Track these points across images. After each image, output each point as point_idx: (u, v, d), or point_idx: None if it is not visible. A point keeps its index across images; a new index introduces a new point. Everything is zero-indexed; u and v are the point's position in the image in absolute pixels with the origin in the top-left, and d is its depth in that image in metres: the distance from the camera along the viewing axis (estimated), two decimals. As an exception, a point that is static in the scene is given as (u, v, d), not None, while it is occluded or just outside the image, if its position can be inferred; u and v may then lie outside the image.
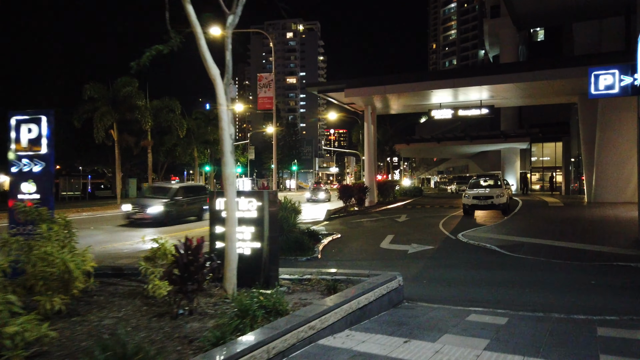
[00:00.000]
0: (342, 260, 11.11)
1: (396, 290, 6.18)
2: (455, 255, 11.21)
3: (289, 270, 6.90)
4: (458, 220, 19.76)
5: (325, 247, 13.18)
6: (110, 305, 5.10)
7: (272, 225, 5.99)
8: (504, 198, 20.98)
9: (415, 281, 8.33)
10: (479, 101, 28.19)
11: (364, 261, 10.89)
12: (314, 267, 10.01)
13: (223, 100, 5.21)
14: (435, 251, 11.89)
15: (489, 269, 9.38)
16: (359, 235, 16.02)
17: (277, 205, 6.12)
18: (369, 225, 19.28)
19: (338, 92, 26.06)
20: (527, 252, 11.13)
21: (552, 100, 29.93)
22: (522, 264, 9.87)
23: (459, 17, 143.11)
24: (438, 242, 13.53)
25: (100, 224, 21.33)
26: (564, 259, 10.18)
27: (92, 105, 30.59)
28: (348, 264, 10.58)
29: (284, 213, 13.29)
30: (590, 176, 26.97)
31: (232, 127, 5.33)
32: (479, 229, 15.78)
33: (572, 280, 8.32)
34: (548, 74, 21.12)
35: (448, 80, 23.11)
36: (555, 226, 16.31)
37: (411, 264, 10.24)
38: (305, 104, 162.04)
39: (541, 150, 49.28)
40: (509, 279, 8.40)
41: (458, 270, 9.32)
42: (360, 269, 9.12)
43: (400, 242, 13.68)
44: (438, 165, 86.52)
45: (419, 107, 31.01)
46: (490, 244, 12.29)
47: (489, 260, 10.36)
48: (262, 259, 5.89)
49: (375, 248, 12.85)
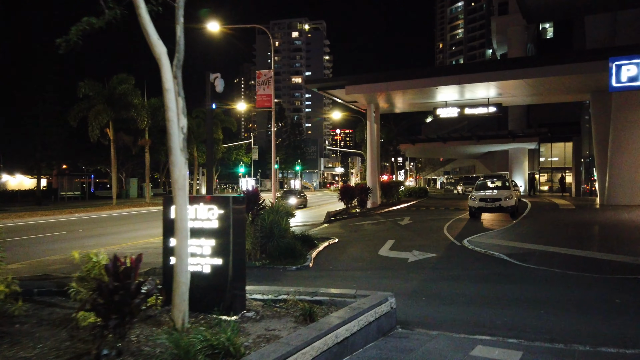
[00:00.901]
0: (335, 270, 10.11)
1: (387, 315, 5.18)
2: (460, 265, 10.18)
3: (263, 289, 5.91)
4: (464, 223, 18.70)
5: (319, 254, 12.22)
6: (28, 339, 4.13)
7: (238, 237, 4.99)
8: (513, 200, 19.90)
9: (414, 298, 7.32)
10: (486, 99, 27.12)
11: (359, 271, 9.89)
12: (303, 278, 9.06)
13: (170, 85, 4.22)
14: (438, 260, 10.86)
15: (497, 283, 8.35)
16: (358, 240, 15.03)
17: (243, 213, 5.10)
18: (369, 228, 18.29)
19: (339, 90, 25.01)
20: (539, 261, 10.08)
21: (563, 98, 28.77)
22: (534, 276, 8.83)
23: (466, 16, 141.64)
24: (442, 249, 12.50)
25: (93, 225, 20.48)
26: (580, 270, 9.13)
27: (87, 104, 29.76)
28: (341, 274, 9.59)
29: (274, 217, 12.33)
30: (603, 177, 25.81)
31: (183, 118, 4.35)
32: (486, 234, 14.73)
33: (592, 297, 7.28)
34: (559, 70, 19.99)
35: (453, 76, 22.00)
36: (568, 231, 15.22)
37: (410, 275, 9.23)
38: (311, 104, 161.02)
39: (550, 150, 48.04)
40: (521, 296, 7.36)
41: (462, 284, 8.29)
42: (351, 283, 8.13)
43: (400, 248, 12.67)
44: (444, 166, 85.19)
45: (424, 105, 29.94)
46: (499, 252, 11.24)
47: (497, 272, 9.32)
48: (225, 278, 4.90)
49: (373, 255, 11.85)
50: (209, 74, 11.98)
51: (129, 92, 29.35)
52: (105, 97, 29.37)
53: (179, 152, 4.26)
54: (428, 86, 22.84)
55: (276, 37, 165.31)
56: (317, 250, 12.67)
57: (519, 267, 9.73)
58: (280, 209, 13.85)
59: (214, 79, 11.95)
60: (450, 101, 27.86)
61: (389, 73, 24.03)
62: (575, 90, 25.01)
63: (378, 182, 30.32)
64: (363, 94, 24.81)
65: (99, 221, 23.28)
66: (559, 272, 9.03)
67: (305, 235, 13.72)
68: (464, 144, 52.94)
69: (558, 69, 19.94)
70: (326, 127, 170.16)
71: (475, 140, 50.37)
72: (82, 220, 23.80)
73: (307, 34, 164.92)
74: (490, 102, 27.19)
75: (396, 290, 7.78)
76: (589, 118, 30.73)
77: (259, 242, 11.81)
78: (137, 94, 29.94)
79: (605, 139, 25.27)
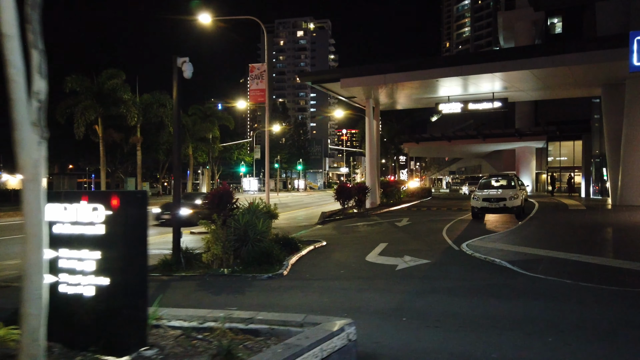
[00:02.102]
0: (312, 279, 8.79)
1: (342, 352, 3.86)
2: (455, 274, 8.83)
3: (187, 313, 4.58)
4: (465, 225, 17.33)
5: (301, 259, 10.93)
6: None
7: (134, 247, 3.67)
8: (518, 200, 18.49)
9: (392, 318, 5.99)
10: (491, 93, 25.69)
11: (338, 280, 8.58)
12: (270, 290, 7.73)
13: (12, 30, 2.92)
14: (431, 267, 9.51)
15: (496, 297, 6.99)
16: (348, 243, 13.74)
17: (143, 214, 3.74)
18: (363, 230, 17.00)
19: (334, 83, 23.63)
20: (547, 270, 8.72)
21: (572, 93, 27.26)
22: (540, 288, 7.48)
23: (472, 14, 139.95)
24: (437, 254, 11.16)
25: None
26: (596, 281, 7.76)
27: (75, 99, 28.63)
28: (316, 285, 8.28)
29: (249, 217, 11.05)
30: (615, 176, 24.30)
31: (40, 80, 3.04)
32: (488, 237, 13.35)
33: (614, 319, 5.91)
34: (568, 59, 18.50)
35: (455, 67, 20.54)
36: (580, 235, 13.81)
37: (395, 286, 7.90)
38: (316, 103, 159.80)
39: (559, 149, 46.57)
40: (524, 316, 6.01)
41: (454, 299, 6.95)
42: (323, 296, 6.64)
43: (391, 253, 11.35)
44: (450, 165, 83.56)
45: (426, 100, 28.54)
46: (500, 258, 9.87)
47: (498, 283, 7.97)
48: (115, 302, 3.59)
49: (359, 261, 10.53)
50: (175, 58, 10.71)
51: (118, 88, 28.16)
52: (94, 92, 28.21)
53: (29, 128, 2.96)
54: (428, 78, 21.39)
55: (281, 37, 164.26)
56: (299, 255, 11.39)
57: (523, 276, 8.37)
58: (260, 209, 12.63)
59: (182, 63, 10.68)
60: (453, 96, 26.45)
61: (386, 65, 22.62)
62: (586, 83, 23.50)
63: (377, 181, 28.97)
64: (359, 87, 23.39)
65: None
66: (570, 284, 7.67)
67: (289, 238, 12.42)
68: (469, 143, 51.48)
69: (567, 58, 18.45)
70: (332, 127, 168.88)
71: (481, 139, 48.92)
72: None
73: (312, 33, 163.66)
74: (495, 96, 25.76)
75: (374, 308, 6.49)
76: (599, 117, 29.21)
77: (232, 247, 10.52)
78: (127, 89, 28.72)
79: (617, 135, 23.77)
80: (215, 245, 10.16)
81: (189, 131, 39.78)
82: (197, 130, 40.41)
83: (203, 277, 9.01)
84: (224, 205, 10.56)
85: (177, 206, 10.90)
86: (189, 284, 8.47)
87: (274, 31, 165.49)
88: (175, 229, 10.65)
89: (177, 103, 10.90)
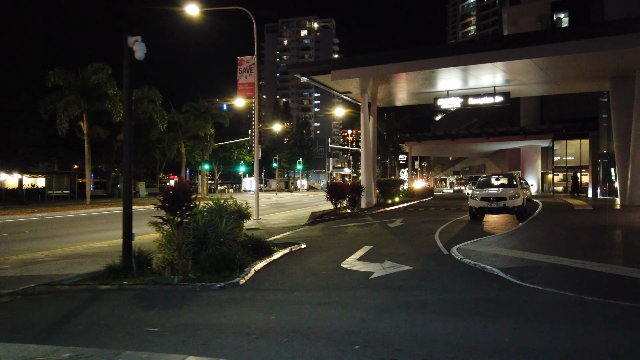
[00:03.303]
0: (270, 289, 7.55)
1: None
2: (436, 285, 7.54)
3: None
4: (461, 227, 16.03)
5: (269, 265, 9.72)
6: None
7: None
8: (520, 199, 17.14)
9: (344, 343, 4.73)
10: (492, 87, 24.37)
11: (300, 292, 7.33)
12: (214, 305, 6.44)
13: None
14: (411, 275, 8.23)
15: (479, 316, 5.70)
16: (329, 245, 12.50)
17: None
18: (351, 231, 15.77)
19: (324, 75, 22.31)
20: (546, 279, 7.44)
21: (578, 87, 25.83)
22: (536, 304, 6.19)
23: (478, 12, 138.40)
24: (422, 259, 9.88)
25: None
26: (604, 294, 6.46)
27: (59, 94, 27.55)
28: (271, 297, 7.04)
29: (211, 218, 9.85)
30: (624, 175, 22.88)
31: None
32: (483, 239, 12.05)
33: (629, 349, 4.62)
34: (574, 46, 17.06)
35: (451, 57, 19.14)
36: (585, 238, 12.46)
37: (363, 299, 6.64)
38: (320, 103, 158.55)
39: (565, 148, 45.08)
40: (511, 344, 4.73)
41: (427, 318, 5.67)
42: (271, 314, 5.21)
43: (371, 258, 10.09)
44: (454, 165, 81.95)
45: (425, 95, 27.18)
46: (492, 264, 8.58)
47: (484, 296, 6.68)
48: None
49: (334, 267, 9.28)
50: (126, 37, 9.50)
51: (103, 83, 27.01)
52: (79, 87, 27.09)
53: None
54: (422, 69, 20.00)
55: (285, 36, 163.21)
56: (270, 259, 10.18)
57: (517, 287, 7.08)
58: (228, 207, 11.43)
59: (133, 43, 9.47)
60: (452, 90, 25.13)
61: (379, 55, 21.25)
62: (593, 75, 22.06)
63: (374, 180, 27.68)
64: (352, 81, 22.03)
65: (59, 222, 21.02)
66: (572, 298, 6.38)
67: (261, 241, 11.22)
68: (473, 142, 50.02)
69: (573, 45, 17.00)
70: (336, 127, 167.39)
71: (485, 138, 47.47)
72: (42, 220, 21.56)
73: (316, 33, 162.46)
74: (497, 91, 24.43)
75: (326, 329, 5.23)
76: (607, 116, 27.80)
77: (190, 251, 9.31)
78: (113, 84, 27.53)
79: (626, 131, 22.35)
80: (166, 250, 8.94)
81: (181, 128, 38.57)
82: (190, 128, 39.17)
83: (147, 286, 7.79)
84: (180, 204, 9.33)
85: (128, 204, 9.70)
86: (124, 296, 7.25)
87: (278, 31, 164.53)
88: (125, 228, 9.46)
89: (128, 87, 9.68)
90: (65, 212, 25.29)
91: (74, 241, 14.21)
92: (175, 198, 9.30)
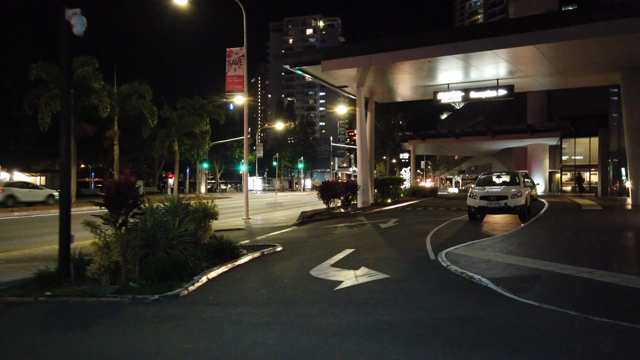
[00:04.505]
0: (211, 304, 6.31)
1: None
2: (411, 298, 6.24)
3: None
4: (458, 228, 14.71)
5: (229, 272, 8.53)
6: None
7: None
8: (522, 198, 15.76)
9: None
10: (495, 80, 23.00)
11: (245, 307, 6.07)
12: (138, 322, 5.23)
13: None
14: (385, 286, 6.95)
15: (453, 345, 4.40)
16: (309, 248, 11.27)
17: None
18: (338, 232, 14.53)
19: (315, 66, 20.98)
20: (544, 293, 6.14)
21: (587, 80, 24.34)
22: (529, 328, 4.89)
23: (485, 10, 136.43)
24: (404, 265, 8.61)
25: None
26: (616, 314, 5.16)
27: (44, 89, 26.49)
28: (207, 314, 5.80)
29: (161, 217, 8.66)
30: (636, 173, 21.42)
31: None
32: (478, 242, 10.73)
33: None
34: (582, 30, 15.61)
35: (448, 44, 17.72)
36: (593, 241, 11.09)
37: (317, 318, 5.38)
38: (325, 102, 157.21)
39: (573, 146, 43.59)
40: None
41: (385, 348, 4.38)
42: (186, 341, 4.30)
43: (348, 263, 8.83)
44: (460, 165, 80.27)
45: (425, 89, 25.81)
46: (482, 273, 7.28)
47: (466, 315, 5.38)
48: None
49: (300, 275, 8.03)
50: (64, 9, 8.32)
51: (89, 76, 25.90)
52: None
53: None
54: (418, 57, 18.59)
55: (290, 35, 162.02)
56: (232, 265, 8.97)
57: (508, 303, 5.79)
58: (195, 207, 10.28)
59: (71, 16, 8.28)
60: (453, 83, 23.77)
61: (372, 42, 19.86)
62: (603, 66, 20.58)
63: (370, 178, 26.36)
64: (343, 71, 20.66)
65: (35, 222, 19.98)
66: (576, 319, 5.07)
67: (228, 243, 9.95)
68: (478, 140, 48.52)
69: (580, 29, 15.54)
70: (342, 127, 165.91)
71: (490, 136, 45.96)
72: (17, 220, 20.49)
73: (321, 31, 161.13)
74: (500, 83, 23.04)
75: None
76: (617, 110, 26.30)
77: (136, 255, 8.12)
78: (99, 77, 26.42)
79: (638, 126, 20.92)
80: (103, 254, 7.72)
81: (174, 125, 37.38)
82: (184, 125, 37.97)
83: (69, 298, 6.56)
84: (123, 201, 8.12)
85: (65, 202, 8.53)
86: (34, 311, 6.04)
87: (283, 29, 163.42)
88: (62, 230, 8.31)
89: (66, 68, 8.50)
90: (47, 211, 24.21)
91: (35, 243, 13.07)
92: (117, 194, 8.10)
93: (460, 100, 23.96)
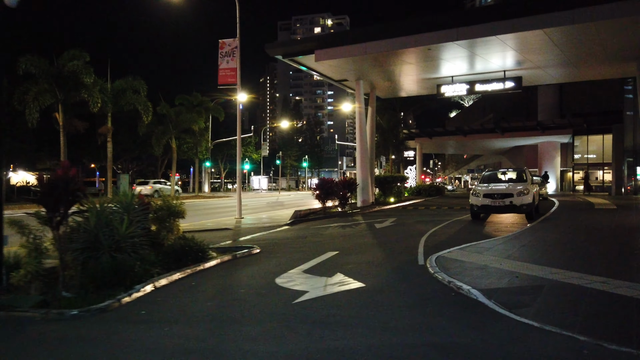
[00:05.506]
0: (140, 321, 5.21)
1: None
2: (381, 315, 5.06)
3: None
4: (458, 228, 13.49)
5: (184, 279, 7.48)
6: None
7: None
8: (529, 196, 14.47)
9: None
10: (502, 72, 21.69)
11: (180, 326, 4.95)
12: (31, 344, 4.20)
13: None
14: (355, 298, 5.80)
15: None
16: (289, 250, 10.22)
17: None
18: (328, 233, 13.46)
19: (308, 56, 19.80)
20: (547, 309, 4.95)
21: (600, 71, 22.92)
22: None
23: None
24: (386, 271, 7.46)
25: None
26: (638, 341, 3.96)
27: (33, 83, 25.64)
28: (124, 335, 4.69)
29: (108, 217, 7.61)
30: (653, 169, 20.02)
31: None
32: (476, 245, 9.52)
33: None
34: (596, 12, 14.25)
35: (449, 30, 16.45)
36: (607, 244, 9.82)
37: (255, 344, 4.26)
38: (334, 100, 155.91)
39: (586, 144, 41.96)
40: None
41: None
42: None
43: (322, 270, 7.71)
44: (468, 164, 78.53)
45: (428, 83, 24.54)
46: (474, 282, 6.09)
47: (445, 341, 4.21)
48: None
49: (263, 283, 6.92)
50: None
51: (80, 70, 24.99)
52: (53, 75, 25.12)
53: None
54: (416, 45, 17.32)
55: (298, 34, 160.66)
56: (193, 270, 7.94)
57: (500, 324, 4.60)
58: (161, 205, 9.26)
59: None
60: (457, 76, 22.50)
61: (367, 31, 18.61)
62: (617, 54, 19.16)
63: (371, 176, 25.16)
64: (339, 61, 19.43)
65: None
66: (586, 346, 3.89)
67: (193, 245, 8.82)
68: (487, 137, 47.04)
69: (592, 11, 14.22)
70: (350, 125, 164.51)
71: (499, 133, 44.49)
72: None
73: (329, 30, 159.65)
74: (507, 75, 21.72)
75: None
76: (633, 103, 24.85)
77: (78, 260, 7.09)
78: (90, 71, 25.49)
79: (656, 120, 19.56)
80: (29, 259, 6.67)
81: (171, 122, 36.40)
82: (182, 121, 36.98)
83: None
84: (60, 198, 7.07)
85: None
86: None
87: (291, 28, 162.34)
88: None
89: (-3, 45, 7.45)
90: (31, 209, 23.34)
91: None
92: (51, 190, 7.05)
93: (465, 93, 22.69)
